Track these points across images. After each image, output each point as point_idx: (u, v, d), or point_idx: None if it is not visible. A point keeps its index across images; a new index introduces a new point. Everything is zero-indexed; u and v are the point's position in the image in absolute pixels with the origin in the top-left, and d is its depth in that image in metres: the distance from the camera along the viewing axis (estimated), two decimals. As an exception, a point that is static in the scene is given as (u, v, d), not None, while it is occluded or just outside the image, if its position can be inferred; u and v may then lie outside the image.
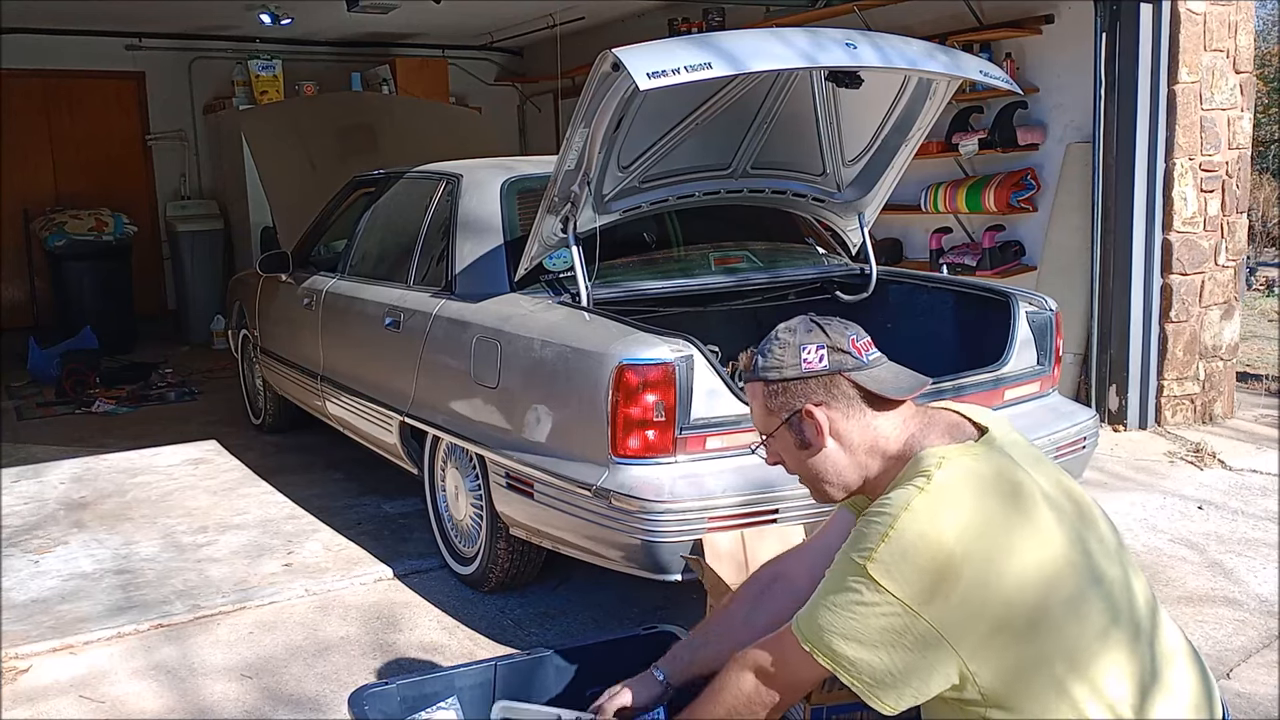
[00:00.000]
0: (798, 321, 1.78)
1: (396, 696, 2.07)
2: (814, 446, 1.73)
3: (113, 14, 8.23)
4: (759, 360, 1.78)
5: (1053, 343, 3.69)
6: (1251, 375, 6.80)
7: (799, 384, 1.72)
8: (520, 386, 3.37)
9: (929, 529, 1.53)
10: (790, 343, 1.74)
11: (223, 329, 8.04)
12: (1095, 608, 1.55)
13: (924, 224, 6.71)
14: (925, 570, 1.51)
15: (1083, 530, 1.62)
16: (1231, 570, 3.82)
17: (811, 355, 1.72)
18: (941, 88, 3.61)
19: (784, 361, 1.74)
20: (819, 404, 1.71)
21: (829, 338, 1.73)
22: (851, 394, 1.71)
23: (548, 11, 8.46)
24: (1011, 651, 1.52)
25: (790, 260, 4.14)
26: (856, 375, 1.71)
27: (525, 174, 4.01)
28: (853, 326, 1.77)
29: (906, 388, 1.73)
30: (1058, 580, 1.54)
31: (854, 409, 1.71)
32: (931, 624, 1.50)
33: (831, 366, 1.71)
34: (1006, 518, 1.56)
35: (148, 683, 3.18)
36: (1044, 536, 1.57)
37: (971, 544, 1.52)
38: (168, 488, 5.08)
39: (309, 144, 6.24)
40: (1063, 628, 1.52)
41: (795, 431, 1.74)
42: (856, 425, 1.71)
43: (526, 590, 3.74)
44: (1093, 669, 1.53)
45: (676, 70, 2.80)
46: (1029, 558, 1.54)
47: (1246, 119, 5.77)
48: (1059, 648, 1.52)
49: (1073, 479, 1.75)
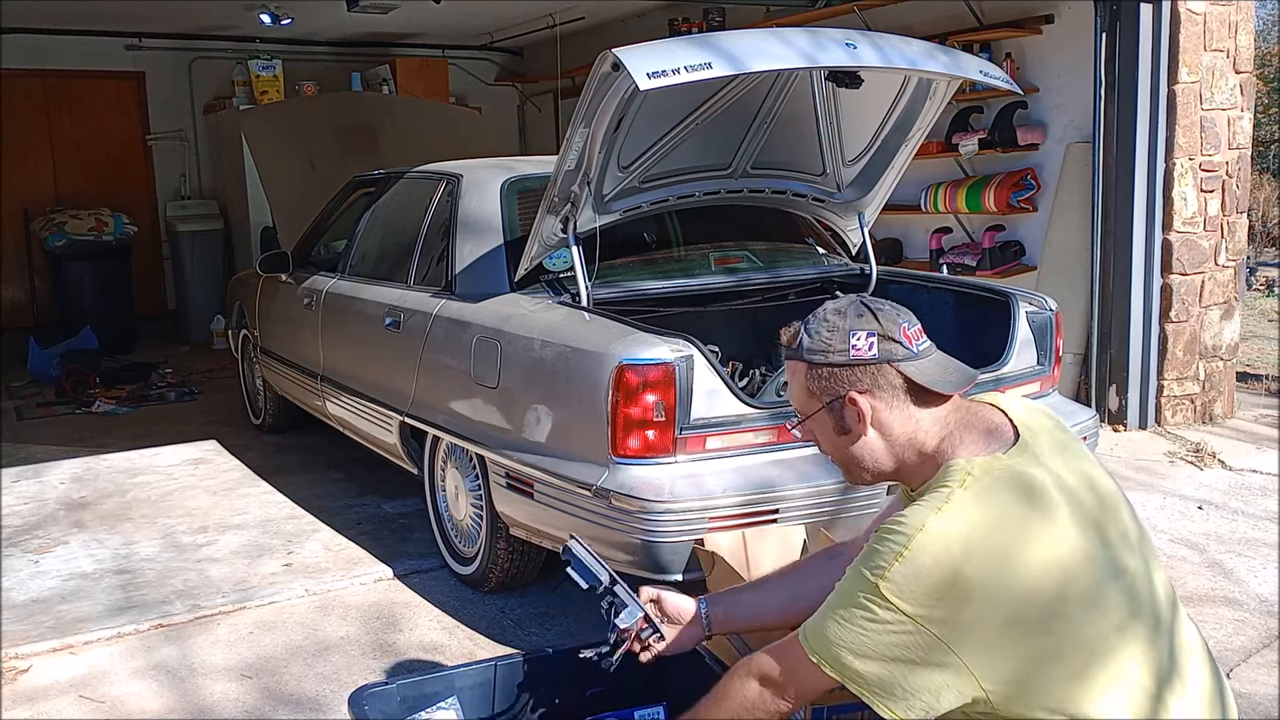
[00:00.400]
0: (848, 304, 1.70)
1: (396, 696, 2.07)
2: (853, 433, 1.68)
3: (113, 14, 8.23)
4: (804, 340, 1.70)
5: (1053, 343, 3.69)
6: (1251, 375, 6.80)
7: (845, 370, 1.65)
8: (520, 386, 3.37)
9: (943, 551, 1.49)
10: (840, 327, 1.66)
11: (223, 329, 8.03)
12: (1114, 601, 1.53)
13: (924, 224, 6.71)
14: (937, 590, 1.48)
15: (1103, 522, 1.58)
16: (1232, 570, 3.82)
17: (861, 342, 1.64)
18: (941, 88, 3.61)
19: (831, 345, 1.66)
20: (863, 392, 1.65)
21: (880, 325, 1.65)
22: (897, 384, 1.65)
23: (548, 11, 8.45)
24: (1024, 655, 1.49)
25: (790, 260, 4.14)
26: (905, 366, 1.64)
27: (525, 174, 4.01)
28: (905, 313, 1.70)
29: (953, 383, 1.67)
30: (1073, 579, 1.51)
31: (898, 400, 1.65)
32: (942, 640, 1.48)
33: (880, 356, 1.64)
34: (1024, 528, 1.52)
35: (148, 683, 3.19)
36: (1059, 535, 1.53)
37: (984, 562, 1.49)
38: (168, 488, 5.08)
39: (309, 144, 6.23)
40: (1080, 624, 1.50)
41: (835, 417, 1.69)
42: (899, 417, 1.65)
43: (526, 590, 3.74)
44: (1111, 662, 1.51)
45: (676, 70, 2.79)
46: (1042, 561, 1.50)
47: (1246, 119, 5.77)
48: (1075, 643, 1.50)
49: (1100, 467, 1.69)
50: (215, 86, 9.41)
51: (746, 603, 2.01)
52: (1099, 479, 1.66)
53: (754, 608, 2.00)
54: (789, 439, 3.11)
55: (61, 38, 8.65)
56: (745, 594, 2.06)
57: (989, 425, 1.66)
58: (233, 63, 9.10)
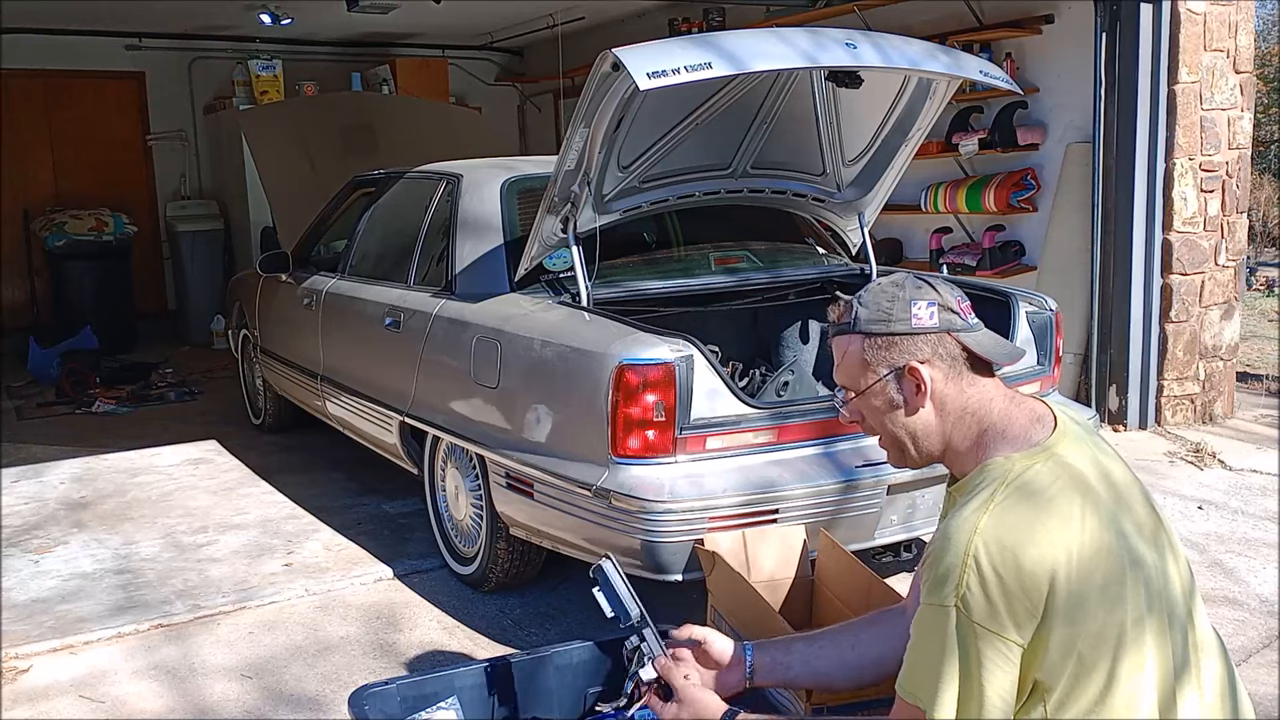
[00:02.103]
0: (902, 277, 1.69)
1: (396, 696, 2.07)
2: (909, 406, 1.66)
3: (113, 14, 8.23)
4: (859, 311, 1.67)
5: (1053, 343, 3.70)
6: (1251, 375, 6.80)
7: (907, 339, 1.63)
8: (520, 386, 3.37)
9: (998, 554, 1.46)
10: (900, 296, 1.64)
11: (223, 329, 8.04)
12: (1131, 592, 1.50)
13: (924, 224, 6.71)
14: (1011, 596, 1.45)
15: (1118, 514, 1.56)
16: (1232, 570, 3.82)
17: (923, 311, 1.63)
18: (941, 88, 3.61)
19: (892, 315, 1.64)
20: (924, 361, 1.63)
21: (940, 295, 1.65)
22: (957, 355, 1.63)
23: (548, 11, 8.46)
24: (1056, 643, 1.47)
25: (790, 260, 4.14)
26: (964, 336, 1.64)
27: (525, 174, 4.01)
28: (956, 288, 1.69)
29: (1006, 354, 1.66)
30: (1093, 569, 1.49)
31: (955, 371, 1.63)
32: (1016, 642, 1.46)
33: (942, 325, 1.63)
34: (1065, 523, 1.50)
35: (148, 683, 3.19)
36: (1078, 526, 1.51)
37: (1037, 554, 1.46)
38: (168, 488, 5.08)
39: (309, 144, 6.24)
40: (1098, 615, 1.48)
41: (893, 389, 1.66)
42: (954, 389, 1.64)
43: (526, 590, 3.74)
44: (1125, 656, 1.49)
45: (677, 70, 2.79)
46: (1069, 551, 1.48)
47: (1247, 119, 5.77)
48: (1093, 634, 1.48)
49: (1115, 458, 1.68)
50: (215, 86, 9.42)
51: (800, 652, 1.89)
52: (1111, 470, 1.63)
53: (808, 657, 1.88)
54: (789, 439, 3.11)
55: (61, 38, 8.65)
56: (798, 644, 1.93)
57: (1033, 416, 1.63)
58: (233, 63, 9.10)
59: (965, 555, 1.46)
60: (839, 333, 1.72)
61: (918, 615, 1.53)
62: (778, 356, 4.34)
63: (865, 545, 3.16)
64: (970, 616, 1.45)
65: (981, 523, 1.48)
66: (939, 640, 1.48)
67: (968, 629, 1.46)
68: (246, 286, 5.97)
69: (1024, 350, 1.74)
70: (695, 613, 2.96)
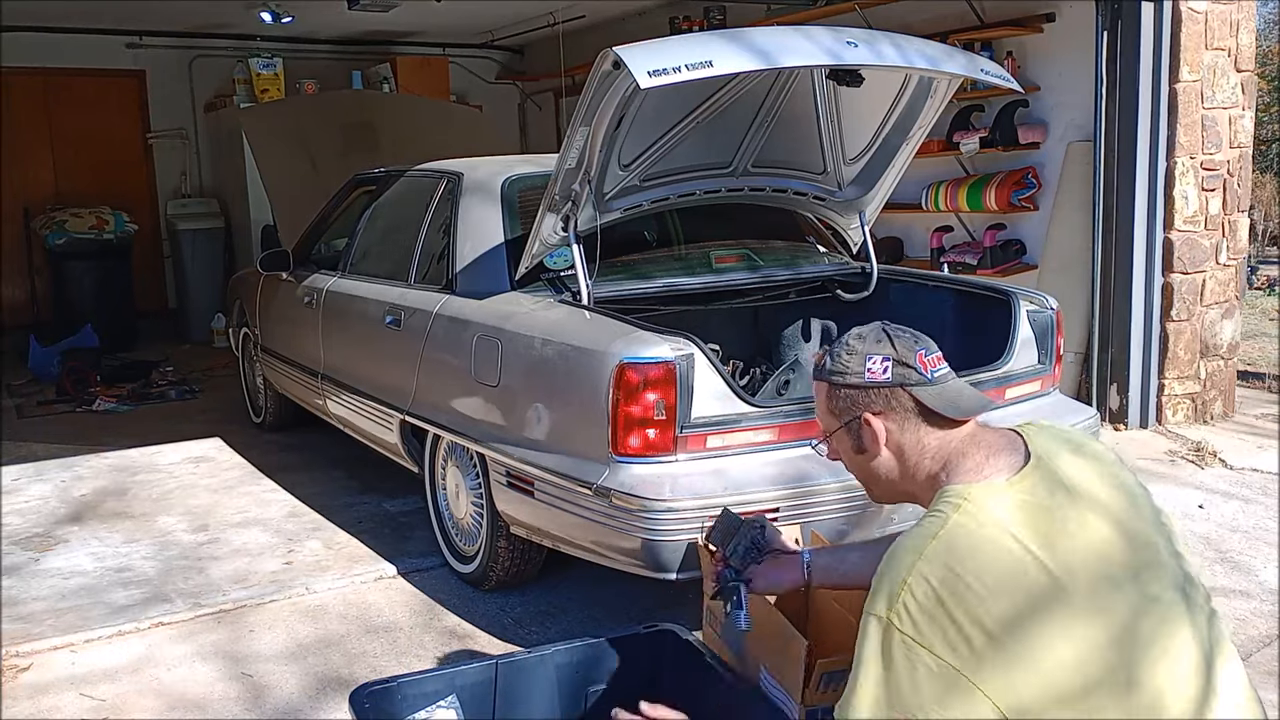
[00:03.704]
0: (871, 329, 1.81)
1: (397, 695, 2.07)
2: (869, 453, 1.78)
3: (113, 12, 8.23)
4: (828, 362, 1.82)
5: (1054, 341, 3.69)
6: (1252, 374, 6.80)
7: (860, 392, 1.76)
8: (521, 385, 3.37)
9: (944, 582, 1.50)
10: (858, 350, 1.78)
11: (223, 327, 8.04)
12: (1121, 610, 1.52)
13: (925, 222, 6.71)
14: (948, 616, 1.48)
15: (1135, 568, 1.57)
16: (1232, 570, 3.82)
17: (876, 366, 1.75)
18: (943, 86, 3.60)
19: (849, 368, 1.77)
20: (877, 413, 1.75)
21: (896, 351, 1.76)
22: (909, 408, 1.74)
23: (548, 10, 8.46)
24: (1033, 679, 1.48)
25: (791, 259, 4.14)
26: (917, 391, 1.74)
27: (526, 172, 4.01)
28: (924, 340, 1.80)
29: (966, 409, 1.74)
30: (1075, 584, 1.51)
31: (910, 423, 1.74)
32: (960, 670, 1.47)
33: (894, 380, 1.74)
34: (1021, 550, 1.53)
35: (148, 681, 3.19)
36: (1084, 535, 1.54)
37: (977, 583, 1.50)
38: (168, 486, 5.08)
39: (310, 142, 6.23)
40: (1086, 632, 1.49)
41: (853, 436, 1.79)
42: (911, 439, 1.74)
43: (527, 589, 3.74)
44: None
45: (677, 69, 2.79)
46: (1058, 566, 1.51)
47: (1248, 118, 5.77)
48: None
49: (1110, 464, 1.70)
50: (216, 85, 9.41)
51: (853, 561, 2.05)
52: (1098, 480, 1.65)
53: (859, 565, 2.01)
54: (790, 438, 3.11)
55: (62, 36, 8.65)
56: (852, 552, 2.11)
57: (995, 448, 1.69)
58: (233, 61, 9.10)
59: (907, 571, 1.53)
60: (815, 378, 1.86)
61: (860, 629, 1.59)
62: (778, 355, 4.34)
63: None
64: (901, 630, 1.51)
65: (926, 548, 1.55)
66: (872, 647, 1.55)
67: (895, 640, 1.52)
68: (247, 285, 5.97)
69: (989, 403, 1.78)
70: (696, 611, 2.96)
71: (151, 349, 8.56)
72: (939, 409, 1.73)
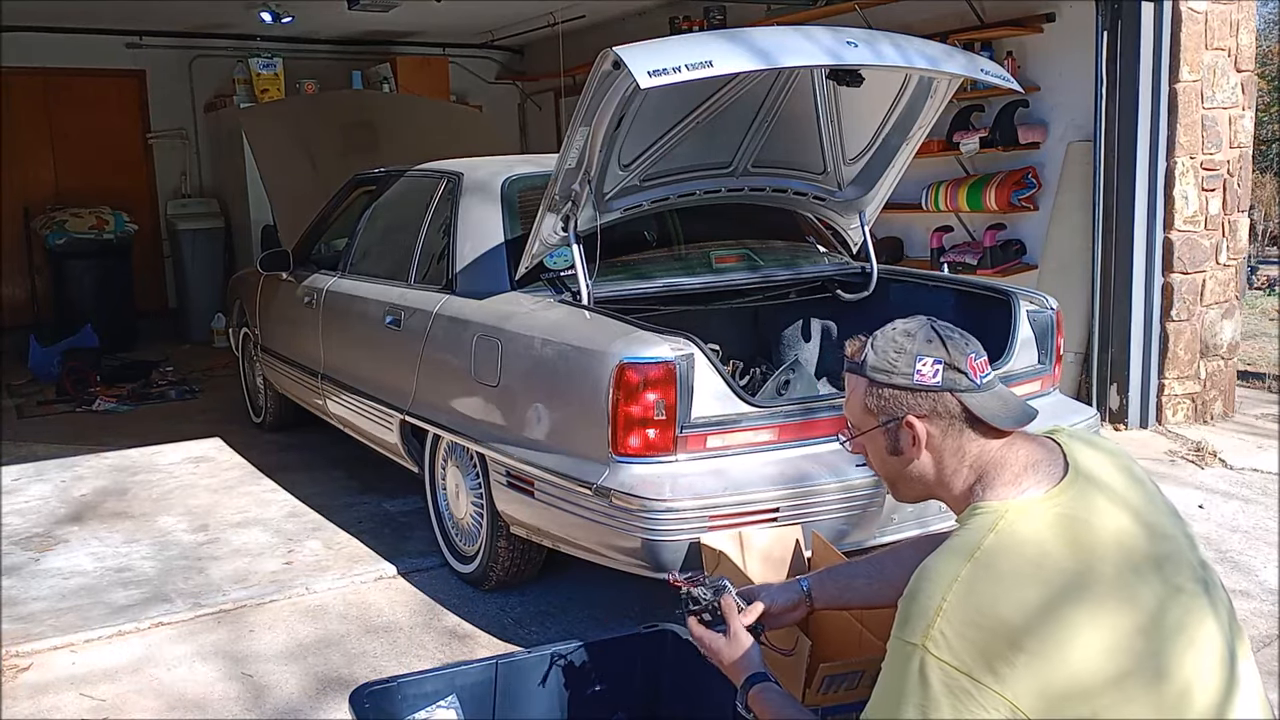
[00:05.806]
0: (919, 326, 1.70)
1: (397, 695, 2.07)
2: (905, 456, 1.69)
3: (113, 12, 8.23)
4: (869, 356, 1.70)
5: (1053, 342, 3.69)
6: (1252, 374, 6.80)
7: (906, 394, 1.65)
8: (521, 385, 3.37)
9: (981, 603, 1.45)
10: (907, 349, 1.66)
11: (223, 327, 8.04)
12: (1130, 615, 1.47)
13: (925, 223, 6.71)
14: (982, 644, 1.43)
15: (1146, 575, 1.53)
16: (1232, 570, 3.82)
17: (926, 369, 1.64)
18: (943, 86, 3.60)
19: (896, 367, 1.66)
20: (921, 417, 1.65)
21: (948, 353, 1.66)
22: (955, 413, 1.65)
23: (548, 10, 8.46)
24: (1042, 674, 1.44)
25: (791, 259, 4.14)
26: (966, 397, 1.64)
27: (526, 172, 4.01)
28: (974, 344, 1.70)
29: (1012, 419, 1.66)
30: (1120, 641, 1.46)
31: (953, 429, 1.65)
32: (989, 687, 1.42)
33: (944, 384, 1.64)
34: (1057, 573, 1.47)
35: (148, 681, 3.19)
36: (1108, 526, 1.51)
37: (1029, 612, 1.44)
38: (168, 486, 5.08)
39: (310, 142, 6.23)
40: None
41: (890, 437, 1.69)
42: (952, 445, 1.65)
43: (527, 588, 3.74)
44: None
45: (677, 69, 2.79)
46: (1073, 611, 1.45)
47: (1248, 118, 5.77)
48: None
49: (1124, 458, 1.68)
50: (216, 85, 9.41)
51: (858, 587, 1.98)
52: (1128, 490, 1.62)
53: (864, 592, 1.97)
54: (790, 438, 3.11)
55: (62, 36, 8.65)
56: (857, 578, 2.01)
57: (1032, 459, 1.63)
58: (233, 61, 9.10)
59: (943, 596, 1.46)
60: (849, 370, 1.74)
61: (888, 653, 1.52)
62: (778, 355, 4.34)
63: (872, 543, 3.16)
64: (937, 657, 1.44)
65: (963, 573, 1.47)
66: (899, 669, 1.47)
67: (933, 668, 1.44)
68: (247, 285, 5.97)
69: (1034, 412, 1.71)
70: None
71: (151, 349, 8.56)
72: (986, 418, 1.64)
